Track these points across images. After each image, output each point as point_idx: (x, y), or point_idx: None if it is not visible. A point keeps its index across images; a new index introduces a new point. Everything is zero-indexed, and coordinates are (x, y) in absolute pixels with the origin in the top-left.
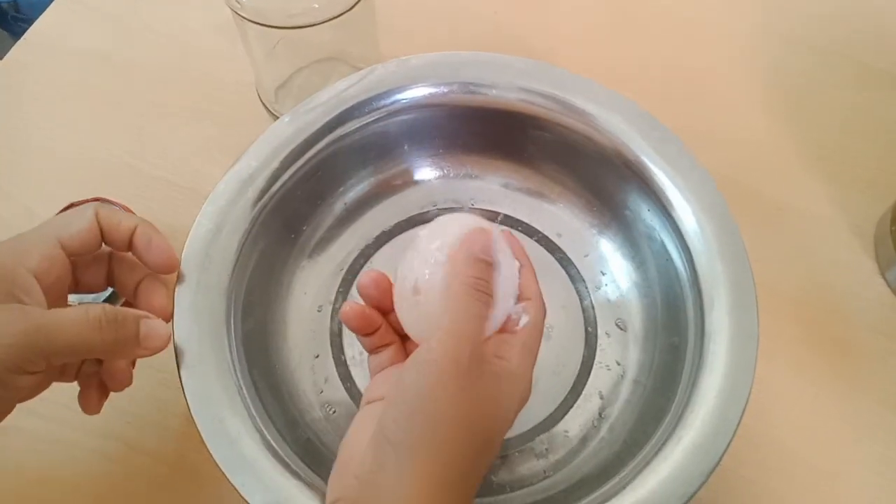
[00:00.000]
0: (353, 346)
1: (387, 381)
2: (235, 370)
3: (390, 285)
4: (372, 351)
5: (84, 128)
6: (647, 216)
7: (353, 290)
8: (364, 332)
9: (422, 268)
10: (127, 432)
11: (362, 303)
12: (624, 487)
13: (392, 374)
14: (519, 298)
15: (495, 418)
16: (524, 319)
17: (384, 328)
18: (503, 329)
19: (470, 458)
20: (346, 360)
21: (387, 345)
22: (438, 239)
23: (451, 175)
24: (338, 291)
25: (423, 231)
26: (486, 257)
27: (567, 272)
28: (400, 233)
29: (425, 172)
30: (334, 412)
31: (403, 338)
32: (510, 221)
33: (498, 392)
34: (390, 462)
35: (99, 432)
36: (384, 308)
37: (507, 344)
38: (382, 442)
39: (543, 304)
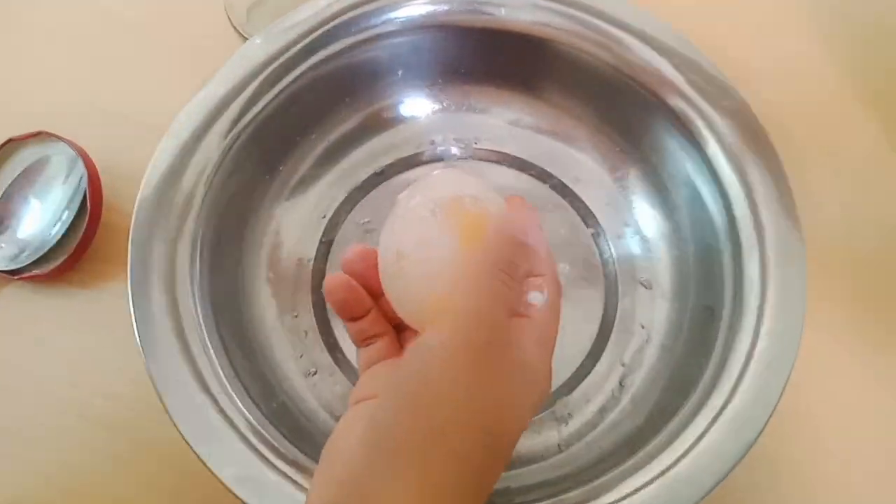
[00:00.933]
0: None
1: (378, 377)
2: (202, 328)
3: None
4: (361, 342)
5: (28, 58)
6: (679, 157)
7: (337, 249)
8: (350, 312)
9: (403, 229)
10: (83, 402)
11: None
12: (649, 462)
13: (385, 369)
14: (530, 274)
15: (510, 420)
16: (539, 300)
17: (374, 314)
18: (514, 313)
19: (479, 467)
20: (329, 320)
21: (378, 335)
22: (419, 194)
23: (452, 109)
24: (320, 242)
25: (402, 193)
26: (527, 240)
27: (585, 222)
28: (393, 175)
29: (421, 106)
30: (315, 374)
31: (398, 328)
32: (519, 164)
33: (513, 387)
34: (382, 469)
35: (46, 404)
36: (373, 289)
37: (520, 330)
38: (373, 446)
39: (559, 281)
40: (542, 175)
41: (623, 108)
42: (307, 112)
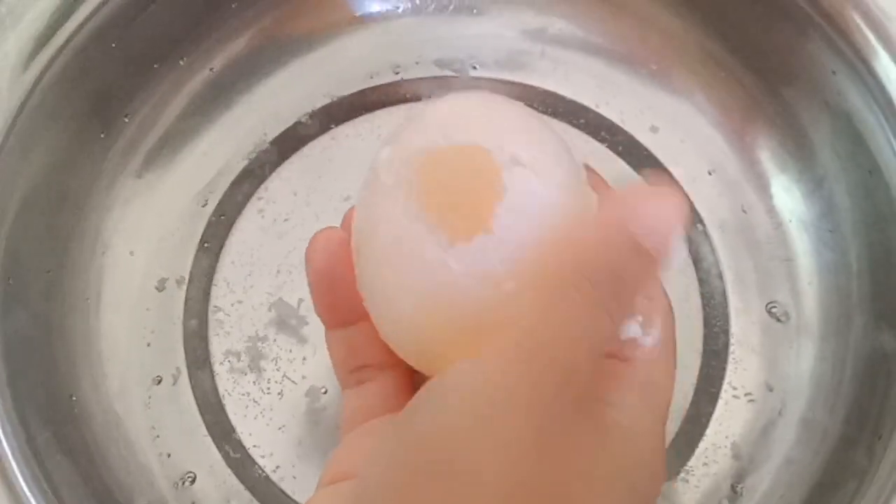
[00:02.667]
0: (241, 358)
1: (366, 442)
2: None
3: None
4: (348, 375)
5: None
6: (847, 105)
7: (229, 259)
8: (336, 306)
9: (365, 213)
10: None
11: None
12: None
13: (379, 428)
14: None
15: None
16: (647, 337)
17: (369, 334)
18: (606, 353)
19: None
20: (217, 386)
21: (375, 368)
22: (392, 146)
23: (430, 7)
24: (199, 248)
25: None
26: (653, 251)
27: None
28: (327, 128)
29: (375, 3)
30: (191, 482)
31: (408, 367)
32: (551, 103)
33: (603, 471)
34: None
35: None
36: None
37: (616, 379)
38: None
39: (671, 308)
40: (593, 123)
41: (751, 19)
42: (170, 18)
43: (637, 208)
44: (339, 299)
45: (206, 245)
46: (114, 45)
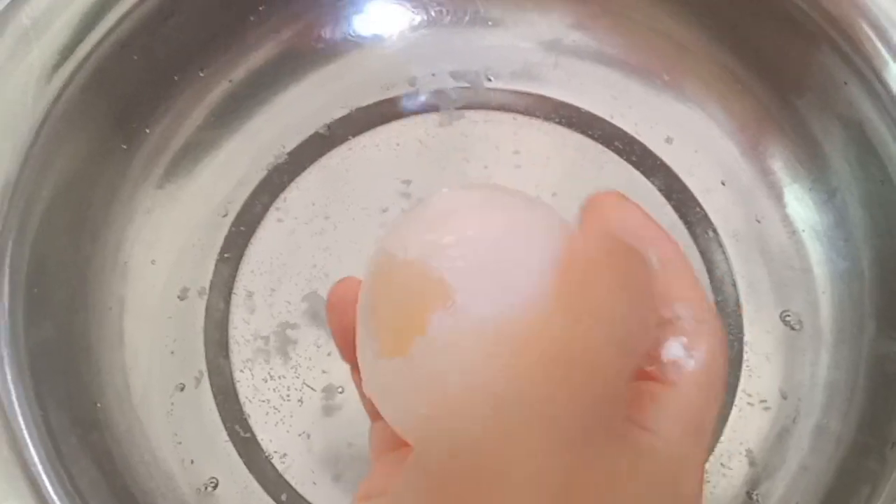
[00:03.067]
0: (261, 365)
1: (396, 466)
2: (18, 422)
3: None
4: (378, 414)
5: None
6: (858, 115)
7: (249, 269)
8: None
9: (368, 306)
10: None
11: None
12: None
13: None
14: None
15: None
16: (691, 360)
17: None
18: (640, 374)
19: None
20: (238, 392)
21: None
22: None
23: (446, 20)
24: (220, 258)
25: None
26: (662, 259)
27: (681, 214)
28: (346, 138)
29: (392, 16)
30: (214, 487)
31: None
32: (566, 114)
33: (630, 490)
34: None
35: None
36: None
37: (654, 402)
38: None
39: (720, 325)
40: (609, 133)
41: (763, 31)
42: (190, 31)
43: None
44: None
45: (226, 255)
46: (135, 57)
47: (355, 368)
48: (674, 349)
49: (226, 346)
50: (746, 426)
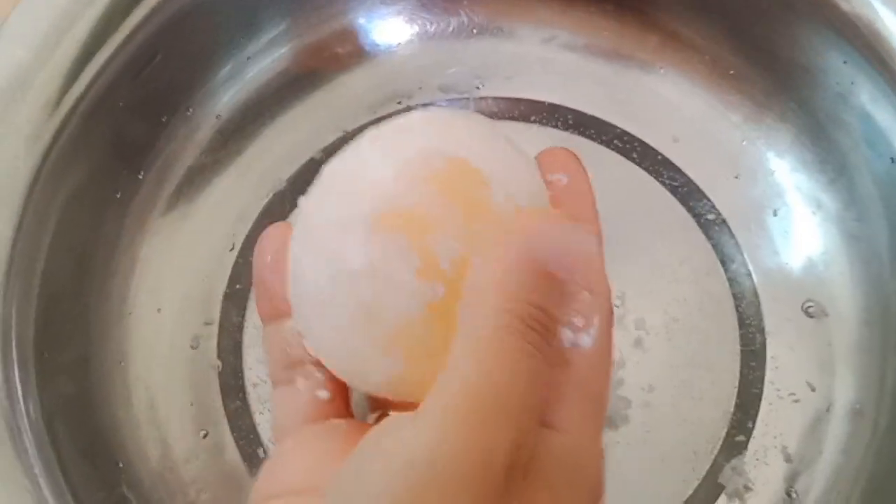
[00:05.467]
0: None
1: (319, 456)
2: (43, 493)
3: None
4: (281, 377)
5: None
6: (863, 97)
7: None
8: (273, 301)
9: (307, 235)
10: None
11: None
12: None
13: (329, 444)
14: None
15: None
16: (587, 337)
17: None
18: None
19: None
20: (260, 435)
21: (310, 365)
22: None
23: (430, 31)
24: (226, 297)
25: (334, 163)
26: (560, 269)
27: (693, 213)
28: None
29: (375, 33)
30: None
31: None
32: (561, 117)
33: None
34: None
35: None
36: None
37: (557, 391)
38: None
39: (611, 302)
40: (606, 133)
41: (756, 14)
42: (173, 70)
43: (540, 229)
44: (281, 292)
45: (234, 290)
46: (121, 103)
47: (273, 318)
48: (571, 331)
49: (242, 389)
50: (778, 420)
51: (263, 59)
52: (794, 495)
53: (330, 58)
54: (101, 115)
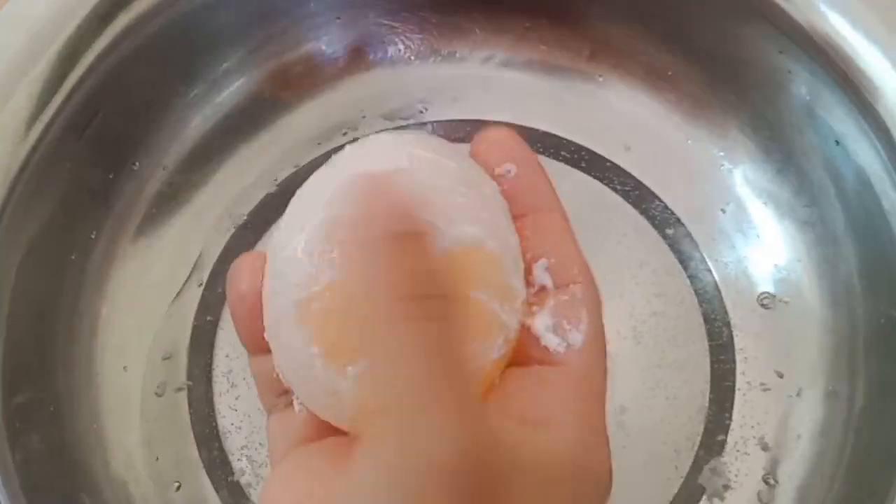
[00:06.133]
0: (257, 449)
1: (316, 474)
2: None
3: None
4: (275, 404)
5: None
6: (793, 75)
7: (224, 346)
8: (256, 334)
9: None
10: None
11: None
12: None
13: (325, 461)
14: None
15: None
16: (577, 333)
17: None
18: (523, 356)
19: None
20: (241, 484)
21: None
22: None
23: (381, 59)
24: (191, 350)
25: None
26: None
27: (647, 216)
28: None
29: (332, 63)
30: None
31: None
32: (528, 135)
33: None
34: None
35: None
36: None
37: (544, 387)
38: None
39: (598, 293)
40: (553, 145)
41: (695, 19)
42: (116, 126)
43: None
44: (258, 326)
45: (199, 335)
46: (68, 164)
47: (256, 351)
48: (557, 329)
49: (217, 438)
50: (754, 411)
51: (205, 108)
52: (772, 482)
53: (272, 97)
54: (49, 177)
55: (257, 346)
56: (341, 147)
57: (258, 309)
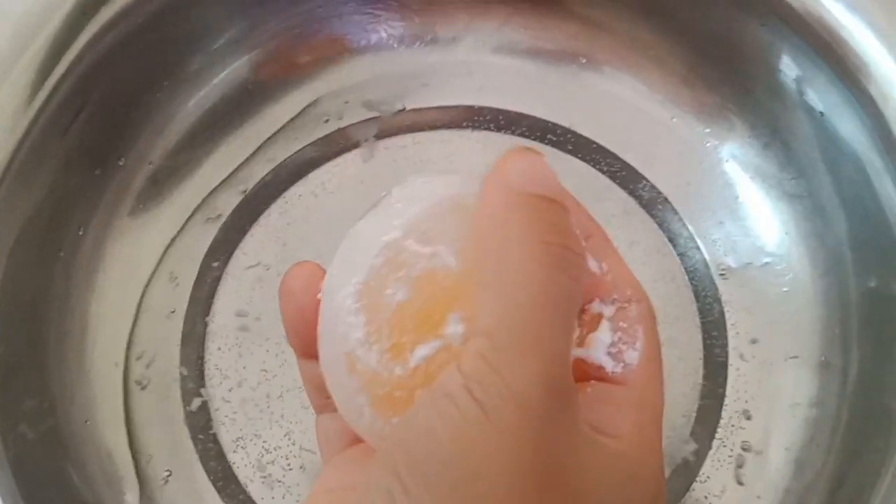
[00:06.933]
0: (253, 441)
1: (355, 466)
2: None
3: None
4: (325, 406)
5: None
6: (774, 48)
7: (216, 339)
8: (307, 341)
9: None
10: None
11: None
12: None
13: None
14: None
15: None
16: (634, 352)
17: None
18: (585, 372)
19: None
20: (236, 475)
21: None
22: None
23: (363, 47)
24: (184, 352)
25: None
26: (552, 194)
27: (634, 195)
28: (282, 191)
29: (313, 51)
30: None
31: None
32: (491, 115)
33: (603, 499)
34: None
35: None
36: None
37: (608, 405)
38: None
39: (651, 304)
40: (539, 128)
41: (714, 18)
42: (101, 122)
43: (518, 171)
44: (314, 332)
45: (189, 330)
46: (54, 161)
47: (305, 356)
48: (614, 342)
49: (210, 429)
50: (747, 385)
51: (189, 102)
52: (768, 453)
53: (255, 89)
54: (35, 174)
55: (307, 353)
56: (328, 138)
57: (312, 322)
